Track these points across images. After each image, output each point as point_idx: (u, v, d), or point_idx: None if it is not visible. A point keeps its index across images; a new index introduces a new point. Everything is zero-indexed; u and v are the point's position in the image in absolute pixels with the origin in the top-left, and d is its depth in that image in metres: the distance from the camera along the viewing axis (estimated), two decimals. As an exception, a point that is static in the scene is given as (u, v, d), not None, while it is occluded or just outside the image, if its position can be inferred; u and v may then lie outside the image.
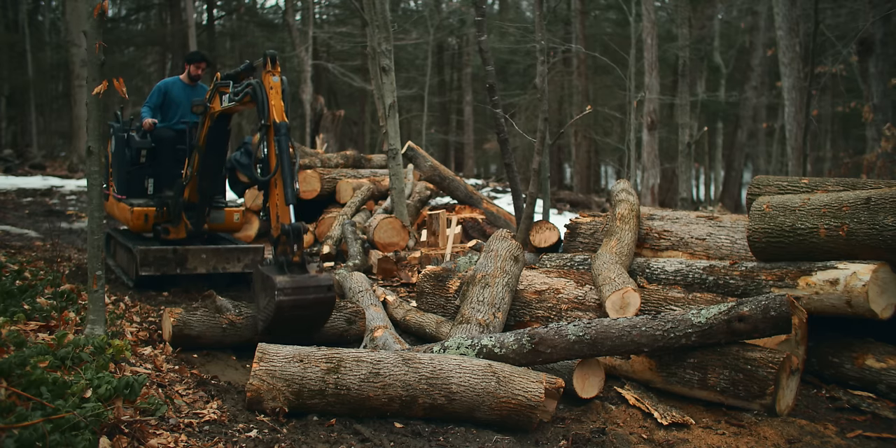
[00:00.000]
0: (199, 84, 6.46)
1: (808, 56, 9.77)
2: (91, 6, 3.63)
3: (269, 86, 4.41)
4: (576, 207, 17.09)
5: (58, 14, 25.32)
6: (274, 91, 4.40)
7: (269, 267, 4.12)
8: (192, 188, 5.67)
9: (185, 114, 6.26)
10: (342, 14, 26.81)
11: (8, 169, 17.13)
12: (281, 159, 4.22)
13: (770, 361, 3.61)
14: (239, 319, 4.39)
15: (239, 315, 4.43)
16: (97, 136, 3.76)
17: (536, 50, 7.87)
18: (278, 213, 4.21)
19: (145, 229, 5.95)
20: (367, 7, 8.27)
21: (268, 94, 4.38)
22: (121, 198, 6.16)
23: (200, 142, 5.42)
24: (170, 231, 5.89)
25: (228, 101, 4.85)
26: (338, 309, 4.62)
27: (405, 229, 7.66)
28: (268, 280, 4.00)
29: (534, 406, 3.35)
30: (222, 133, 5.41)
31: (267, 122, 4.33)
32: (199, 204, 5.78)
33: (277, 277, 3.94)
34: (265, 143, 4.37)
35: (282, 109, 4.36)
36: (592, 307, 4.50)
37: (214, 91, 5.09)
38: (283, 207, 4.19)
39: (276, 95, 4.40)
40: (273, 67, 4.45)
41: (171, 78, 6.47)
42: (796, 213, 4.28)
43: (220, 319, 4.37)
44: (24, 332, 3.56)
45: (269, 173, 4.28)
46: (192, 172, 5.54)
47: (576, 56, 21.03)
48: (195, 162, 5.52)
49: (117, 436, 2.57)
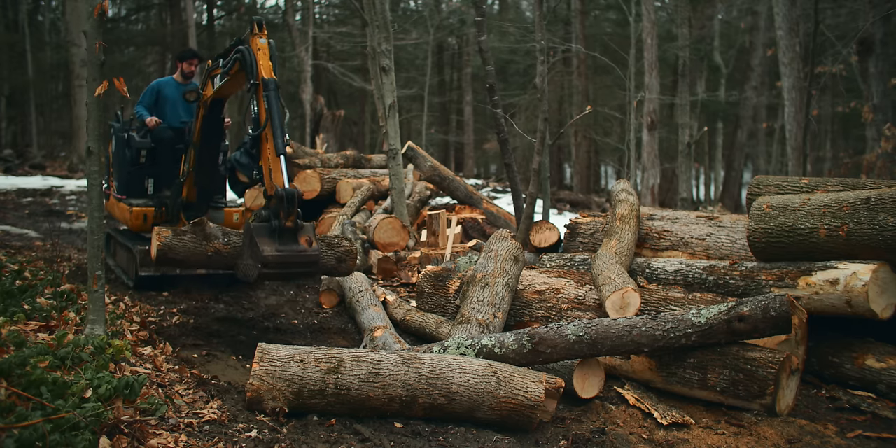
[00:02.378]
0: (192, 82, 6.44)
1: (808, 56, 9.77)
2: (91, 6, 3.63)
3: (256, 48, 4.44)
4: (576, 207, 17.09)
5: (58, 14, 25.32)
6: (262, 52, 4.44)
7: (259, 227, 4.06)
8: (189, 186, 5.64)
9: (179, 113, 6.25)
10: (342, 14, 26.81)
11: (8, 169, 17.12)
12: (270, 113, 4.24)
13: (770, 361, 3.61)
14: (226, 249, 4.37)
15: (227, 245, 4.39)
16: (97, 136, 3.76)
17: (536, 50, 7.87)
18: (271, 167, 4.22)
19: (144, 229, 5.94)
20: (367, 7, 8.27)
21: (255, 55, 4.41)
22: (121, 198, 6.16)
23: (195, 136, 5.39)
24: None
25: (220, 79, 4.83)
26: (329, 246, 4.62)
27: (405, 229, 7.66)
28: (255, 246, 3.96)
29: (534, 406, 3.35)
30: (216, 122, 5.39)
31: (256, 80, 4.35)
32: (197, 203, 5.76)
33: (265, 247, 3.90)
34: (255, 100, 4.38)
35: (270, 68, 4.38)
36: (592, 307, 4.50)
37: (206, 77, 5.08)
38: (274, 160, 4.19)
39: (264, 56, 4.43)
40: (260, 31, 4.48)
41: (164, 78, 6.44)
42: (796, 213, 4.28)
43: (207, 247, 4.34)
44: (24, 332, 3.56)
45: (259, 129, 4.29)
46: (189, 168, 5.52)
47: (576, 56, 21.03)
48: (191, 158, 5.50)
49: (117, 436, 2.57)
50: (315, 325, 5.29)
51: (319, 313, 5.62)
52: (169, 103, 6.27)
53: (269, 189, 4.16)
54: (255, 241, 3.98)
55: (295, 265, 4.01)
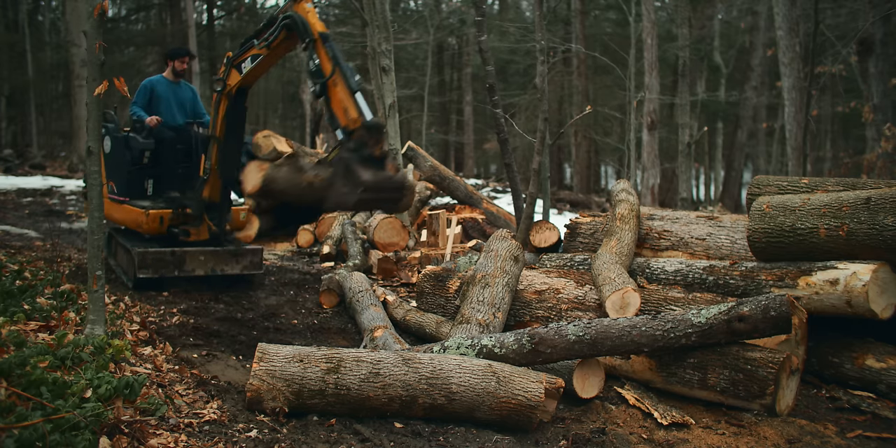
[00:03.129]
0: (182, 81, 6.42)
1: (808, 56, 9.77)
2: (91, 6, 3.63)
3: (304, 11, 4.55)
4: (576, 207, 17.10)
5: (58, 14, 25.33)
6: (311, 13, 4.54)
7: (351, 157, 4.24)
8: (212, 184, 5.53)
9: (173, 112, 6.22)
10: (342, 14, 26.81)
11: (8, 169, 17.13)
12: (335, 60, 4.41)
13: (770, 361, 3.61)
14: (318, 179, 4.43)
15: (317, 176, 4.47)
16: (97, 136, 3.76)
17: (536, 50, 7.87)
18: (346, 106, 4.32)
19: (160, 232, 5.81)
20: (367, 7, 8.27)
21: (305, 16, 4.54)
22: (122, 199, 6.09)
23: (217, 130, 5.32)
24: (190, 233, 5.76)
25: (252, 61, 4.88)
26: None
27: (405, 229, 7.66)
28: (352, 173, 4.18)
29: (534, 406, 3.35)
30: (240, 113, 5.36)
31: (313, 37, 4.48)
32: (220, 203, 5.67)
33: (362, 173, 4.10)
34: (315, 54, 4.49)
35: (322, 24, 4.52)
36: (592, 307, 4.50)
37: (229, 67, 5.09)
38: (348, 99, 4.33)
39: (314, 15, 4.55)
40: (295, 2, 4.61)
41: (154, 76, 6.34)
42: (796, 213, 4.28)
43: (302, 178, 4.46)
44: (24, 332, 3.56)
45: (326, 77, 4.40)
46: (212, 165, 5.42)
47: (576, 56, 21.03)
48: (213, 154, 5.41)
49: (117, 436, 2.57)
50: (315, 325, 5.29)
51: (319, 313, 5.62)
52: (163, 102, 6.23)
53: (352, 123, 4.28)
54: (351, 169, 4.17)
55: (387, 190, 4.19)
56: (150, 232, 5.83)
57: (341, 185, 4.24)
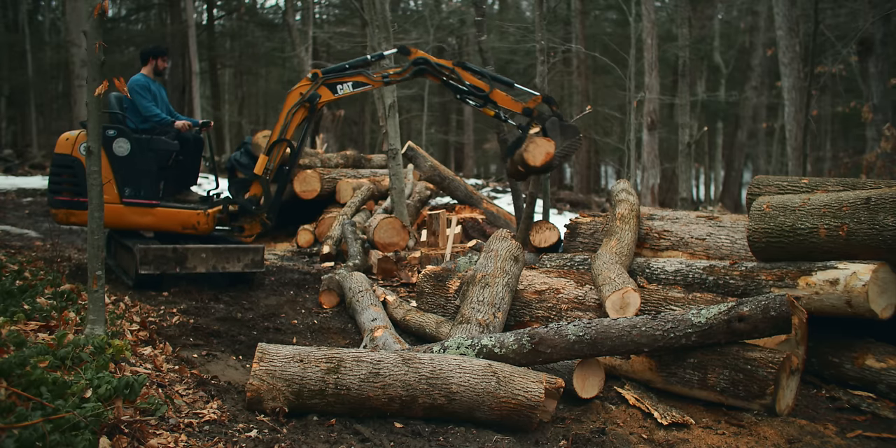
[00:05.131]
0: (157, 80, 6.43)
1: (808, 56, 9.77)
2: (91, 6, 3.63)
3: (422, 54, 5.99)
4: (576, 207, 17.10)
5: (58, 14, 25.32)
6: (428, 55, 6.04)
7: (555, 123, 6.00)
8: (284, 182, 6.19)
9: (166, 110, 6.24)
10: (342, 14, 26.82)
11: (8, 169, 17.12)
12: (481, 74, 6.03)
13: (770, 361, 3.61)
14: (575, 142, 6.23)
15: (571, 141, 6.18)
16: (97, 136, 3.76)
17: (536, 50, 7.86)
18: (510, 98, 6.06)
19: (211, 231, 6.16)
20: (367, 7, 8.27)
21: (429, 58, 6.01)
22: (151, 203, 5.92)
23: (288, 134, 5.93)
24: (244, 229, 6.20)
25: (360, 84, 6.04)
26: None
27: (405, 229, 7.66)
28: (569, 129, 6.03)
29: (534, 406, 3.35)
30: (311, 122, 6.18)
31: (452, 68, 5.99)
32: (274, 200, 6.17)
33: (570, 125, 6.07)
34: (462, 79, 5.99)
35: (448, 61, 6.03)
36: (592, 307, 4.50)
37: (320, 83, 5.90)
38: (507, 99, 6.07)
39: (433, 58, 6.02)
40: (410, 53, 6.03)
41: (138, 75, 6.20)
42: (796, 213, 4.28)
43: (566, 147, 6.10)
44: (24, 332, 3.56)
45: (487, 91, 5.96)
46: (274, 166, 5.99)
47: (576, 56, 21.03)
48: (277, 155, 5.96)
49: (117, 436, 2.57)
50: (315, 325, 5.29)
51: (319, 313, 5.62)
52: (159, 100, 6.25)
53: (532, 102, 6.07)
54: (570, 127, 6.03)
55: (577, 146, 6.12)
56: (205, 232, 6.09)
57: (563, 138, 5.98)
